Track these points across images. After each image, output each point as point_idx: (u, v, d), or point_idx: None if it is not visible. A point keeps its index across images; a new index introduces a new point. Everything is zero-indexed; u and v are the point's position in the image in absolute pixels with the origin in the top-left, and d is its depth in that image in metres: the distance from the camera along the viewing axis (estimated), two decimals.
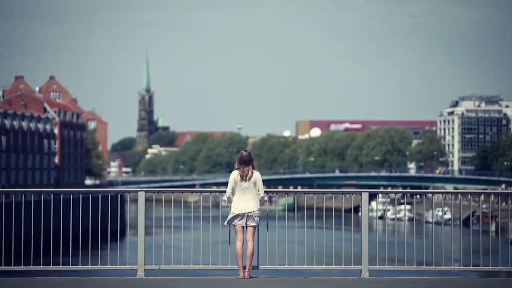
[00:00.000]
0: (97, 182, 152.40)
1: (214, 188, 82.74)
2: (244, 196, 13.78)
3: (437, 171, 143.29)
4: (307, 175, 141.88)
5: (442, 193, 16.30)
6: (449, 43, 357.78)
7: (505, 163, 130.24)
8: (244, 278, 13.69)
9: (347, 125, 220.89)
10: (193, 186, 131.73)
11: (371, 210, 15.99)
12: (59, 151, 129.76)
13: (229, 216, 13.86)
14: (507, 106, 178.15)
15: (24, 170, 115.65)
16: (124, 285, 13.20)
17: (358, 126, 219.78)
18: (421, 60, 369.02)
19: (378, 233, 14.93)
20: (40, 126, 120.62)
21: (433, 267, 14.49)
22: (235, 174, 13.86)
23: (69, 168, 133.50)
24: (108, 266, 14.19)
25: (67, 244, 14.92)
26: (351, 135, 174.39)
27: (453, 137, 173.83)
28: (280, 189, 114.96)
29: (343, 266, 14.46)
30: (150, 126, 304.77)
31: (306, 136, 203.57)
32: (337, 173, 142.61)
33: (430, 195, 65.93)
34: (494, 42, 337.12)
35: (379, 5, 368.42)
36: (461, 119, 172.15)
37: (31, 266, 14.00)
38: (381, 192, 16.60)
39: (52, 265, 14.30)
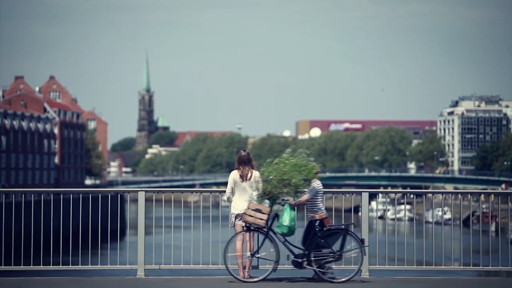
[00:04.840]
0: (97, 182, 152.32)
1: (214, 188, 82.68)
2: (244, 196, 13.79)
3: (437, 171, 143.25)
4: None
5: (442, 193, 16.31)
6: (449, 43, 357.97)
7: (505, 163, 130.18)
8: (244, 278, 13.69)
9: (347, 125, 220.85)
10: (193, 186, 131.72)
11: (371, 210, 15.99)
12: (59, 151, 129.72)
13: (231, 217, 13.87)
14: (507, 106, 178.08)
15: (24, 170, 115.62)
16: (124, 285, 13.19)
17: (358, 126, 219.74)
18: (421, 60, 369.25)
19: (378, 233, 14.93)
20: (40, 126, 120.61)
21: (433, 267, 14.50)
22: (234, 174, 13.87)
23: (69, 168, 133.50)
24: (108, 266, 14.20)
25: (67, 244, 14.93)
26: (351, 135, 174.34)
27: (453, 137, 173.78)
28: None
29: (343, 266, 14.46)
30: (150, 126, 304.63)
31: (306, 136, 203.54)
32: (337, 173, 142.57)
33: (430, 195, 65.87)
34: (494, 42, 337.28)
35: (379, 6, 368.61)
36: (461, 119, 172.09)
37: (31, 266, 14.00)
38: (381, 192, 16.61)
39: (52, 265, 14.30)
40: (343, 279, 13.43)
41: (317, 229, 13.51)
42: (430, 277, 14.27)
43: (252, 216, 13.48)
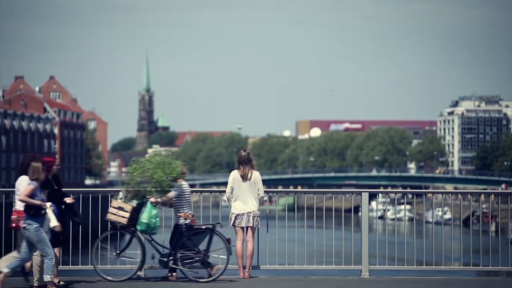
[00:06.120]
0: (97, 182, 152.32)
1: (214, 188, 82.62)
2: (244, 196, 13.79)
3: (437, 171, 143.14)
4: (307, 175, 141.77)
5: (442, 193, 16.31)
6: (449, 43, 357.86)
7: (505, 163, 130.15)
8: (244, 278, 13.69)
9: (347, 125, 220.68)
10: (193, 186, 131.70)
11: (371, 210, 15.98)
12: (59, 151, 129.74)
13: (231, 217, 13.86)
14: (507, 106, 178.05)
15: None
16: (124, 285, 13.19)
17: (358, 126, 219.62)
18: (421, 60, 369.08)
19: (378, 233, 14.93)
20: (40, 126, 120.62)
21: (433, 266, 14.49)
22: (234, 174, 13.87)
23: (69, 168, 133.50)
24: (108, 266, 14.19)
25: (67, 244, 14.91)
26: (351, 135, 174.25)
27: (453, 137, 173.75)
28: (280, 189, 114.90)
29: (343, 266, 14.46)
30: (150, 126, 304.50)
31: (306, 136, 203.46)
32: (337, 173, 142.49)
33: (430, 195, 65.64)
34: (494, 42, 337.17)
35: (379, 6, 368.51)
36: (461, 119, 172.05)
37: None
38: (381, 192, 16.63)
39: None
40: (208, 279, 13.38)
41: (183, 229, 13.48)
42: (430, 277, 14.27)
43: (114, 214, 13.46)
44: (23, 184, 12.57)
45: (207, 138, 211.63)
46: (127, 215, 13.40)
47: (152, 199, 13.43)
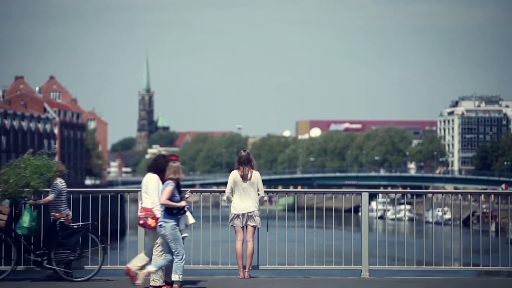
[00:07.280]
0: (97, 182, 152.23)
1: (214, 188, 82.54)
2: (244, 196, 13.78)
3: (437, 171, 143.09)
4: (307, 175, 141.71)
5: (442, 193, 16.31)
6: (449, 43, 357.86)
7: (505, 163, 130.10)
8: (244, 278, 13.69)
9: (347, 125, 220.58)
10: (193, 186, 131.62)
11: (371, 210, 15.98)
12: (59, 151, 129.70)
13: (231, 217, 13.86)
14: (507, 106, 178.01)
15: None
16: (124, 285, 13.19)
17: (358, 126, 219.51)
18: (421, 60, 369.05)
19: (378, 233, 14.92)
20: (40, 126, 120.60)
21: (433, 266, 14.49)
22: (234, 175, 13.86)
23: (69, 168, 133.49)
24: (108, 266, 14.18)
25: None
26: (351, 135, 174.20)
27: (453, 137, 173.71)
28: (280, 189, 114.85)
29: (343, 266, 14.45)
30: (150, 126, 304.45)
31: (306, 136, 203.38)
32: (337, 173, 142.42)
33: (430, 195, 65.62)
34: (494, 42, 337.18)
35: (379, 6, 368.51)
36: (461, 119, 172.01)
37: (31, 266, 13.99)
38: (381, 192, 16.62)
39: None
40: (81, 278, 13.42)
41: (58, 228, 13.46)
42: (430, 277, 14.26)
43: None
44: (153, 183, 12.63)
45: (207, 138, 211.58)
46: (4, 217, 13.42)
47: (31, 202, 13.44)
